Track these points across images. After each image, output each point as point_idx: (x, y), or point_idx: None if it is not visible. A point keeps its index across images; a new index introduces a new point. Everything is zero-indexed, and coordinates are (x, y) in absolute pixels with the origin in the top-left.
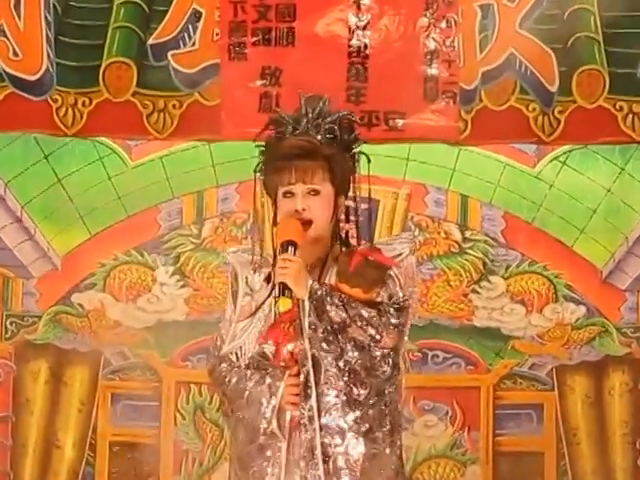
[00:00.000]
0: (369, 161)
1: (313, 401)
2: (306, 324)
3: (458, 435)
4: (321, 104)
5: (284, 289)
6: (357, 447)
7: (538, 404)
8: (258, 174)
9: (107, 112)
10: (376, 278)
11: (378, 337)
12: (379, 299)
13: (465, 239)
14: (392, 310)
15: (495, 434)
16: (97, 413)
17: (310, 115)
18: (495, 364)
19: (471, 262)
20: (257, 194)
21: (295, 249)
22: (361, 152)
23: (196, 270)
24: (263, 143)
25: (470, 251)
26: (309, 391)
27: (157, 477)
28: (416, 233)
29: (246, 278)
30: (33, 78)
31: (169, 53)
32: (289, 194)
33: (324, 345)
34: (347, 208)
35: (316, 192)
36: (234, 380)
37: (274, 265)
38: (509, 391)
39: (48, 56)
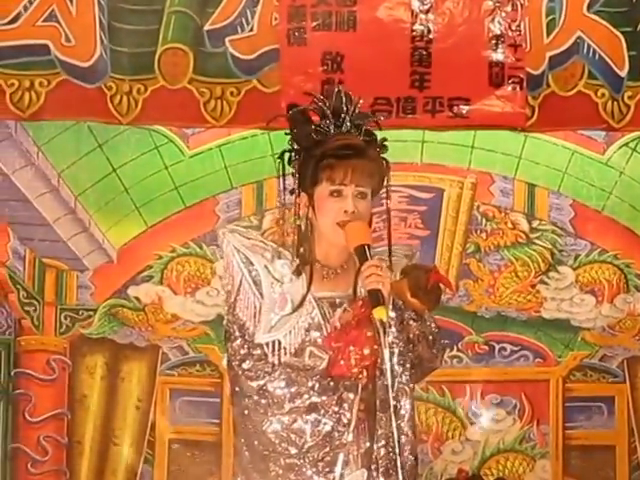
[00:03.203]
0: (389, 166)
1: (391, 412)
2: (390, 336)
3: (527, 429)
4: (359, 104)
5: (379, 297)
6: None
7: (609, 397)
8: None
9: (163, 100)
10: (439, 298)
11: (436, 355)
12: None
13: (533, 229)
14: (440, 334)
15: (565, 427)
16: (155, 410)
17: (351, 114)
18: (564, 356)
19: (539, 252)
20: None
21: (370, 253)
22: (385, 160)
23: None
24: (293, 132)
25: (538, 241)
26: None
27: (218, 476)
28: (483, 224)
29: (265, 267)
30: (86, 65)
31: (226, 39)
32: (337, 194)
33: (397, 357)
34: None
35: (364, 195)
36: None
37: (300, 257)
38: (579, 383)
39: (102, 42)
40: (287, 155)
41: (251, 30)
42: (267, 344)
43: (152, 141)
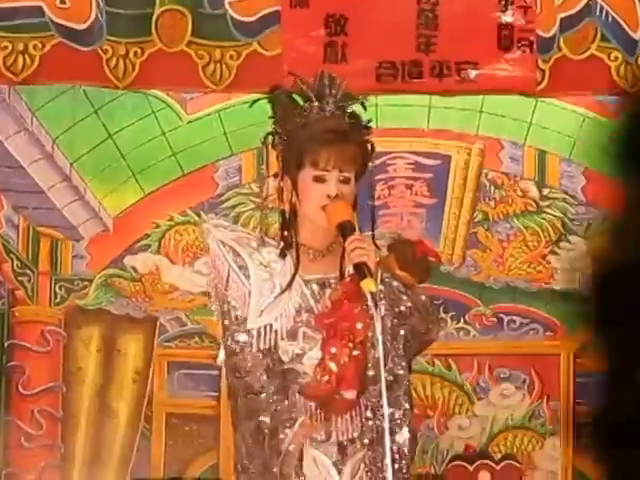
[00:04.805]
0: (373, 149)
1: (382, 385)
2: (382, 308)
3: (536, 405)
4: (342, 85)
5: (365, 270)
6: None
7: None
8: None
9: (160, 63)
10: (429, 270)
11: (431, 327)
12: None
13: (543, 197)
14: (434, 305)
15: (576, 403)
16: (152, 383)
17: (335, 96)
18: (576, 330)
19: (549, 221)
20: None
21: (353, 229)
22: (370, 142)
23: (257, 231)
24: (277, 114)
25: (548, 210)
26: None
27: (217, 450)
28: (492, 192)
29: (251, 255)
30: (81, 27)
31: (226, 0)
32: (320, 179)
33: (389, 330)
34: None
35: (347, 179)
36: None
37: (284, 240)
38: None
39: (97, 4)
40: (270, 138)
41: None
42: (259, 329)
43: (149, 106)
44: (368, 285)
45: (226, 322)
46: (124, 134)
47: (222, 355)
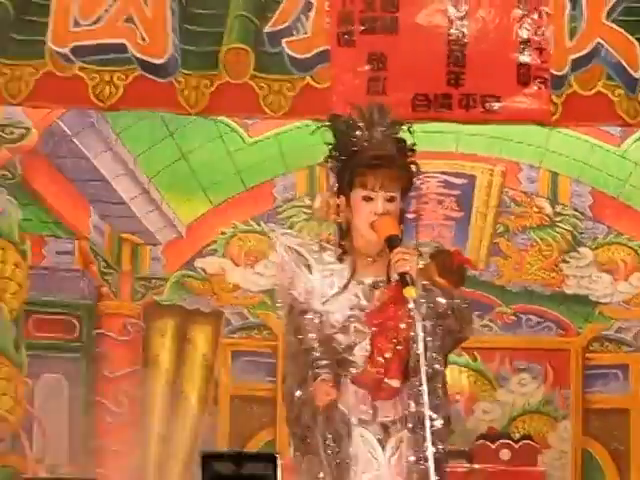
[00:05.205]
0: (418, 170)
1: (423, 376)
2: (422, 311)
3: (550, 393)
4: (390, 114)
5: (407, 278)
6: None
7: (624, 365)
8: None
9: (227, 93)
10: (464, 277)
11: (464, 327)
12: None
13: (556, 213)
14: (468, 308)
15: (584, 392)
16: (219, 368)
17: (382, 126)
18: (584, 328)
19: (561, 234)
20: (329, 185)
21: (399, 242)
22: (415, 163)
23: (309, 238)
24: (335, 139)
25: (560, 224)
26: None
27: (274, 428)
28: (512, 208)
29: (314, 258)
30: (159, 62)
31: (283, 40)
32: (368, 198)
33: (429, 330)
34: (402, 210)
35: (392, 198)
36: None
37: (341, 248)
38: (597, 353)
39: (173, 42)
40: (329, 162)
41: (305, 33)
42: (317, 312)
43: (217, 130)
44: (410, 292)
45: (290, 314)
46: (195, 154)
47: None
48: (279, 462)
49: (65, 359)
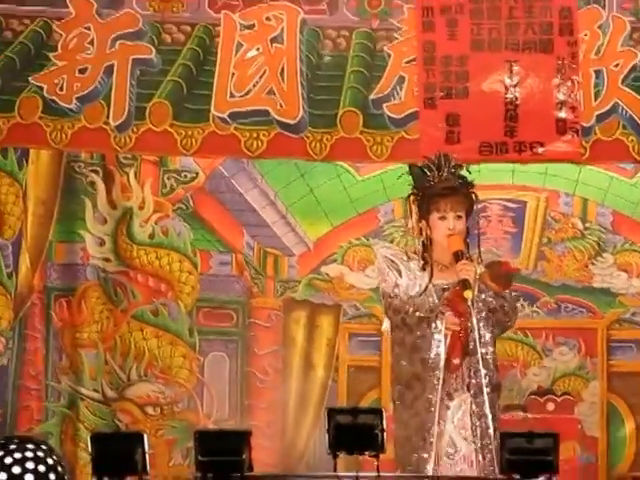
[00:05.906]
0: (476, 199)
1: (479, 355)
2: (478, 306)
3: (583, 360)
4: (452, 160)
5: (467, 283)
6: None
7: (637, 339)
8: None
9: (342, 144)
10: (511, 281)
11: (510, 318)
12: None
13: (585, 228)
14: (513, 304)
15: (608, 360)
16: (339, 346)
17: (448, 166)
18: (607, 313)
19: (589, 243)
20: (413, 213)
21: (464, 255)
22: (474, 192)
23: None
24: (414, 181)
25: (589, 236)
26: (470, 347)
27: (379, 389)
28: (553, 224)
29: (403, 265)
30: (293, 122)
31: (384, 104)
32: (443, 218)
33: (482, 321)
34: (467, 228)
35: (460, 217)
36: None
37: (424, 259)
38: (617, 331)
39: (303, 107)
40: (412, 197)
41: (400, 99)
42: (407, 304)
43: (335, 171)
44: (468, 294)
45: (388, 307)
46: (320, 189)
47: (385, 324)
48: (384, 414)
49: (226, 341)
